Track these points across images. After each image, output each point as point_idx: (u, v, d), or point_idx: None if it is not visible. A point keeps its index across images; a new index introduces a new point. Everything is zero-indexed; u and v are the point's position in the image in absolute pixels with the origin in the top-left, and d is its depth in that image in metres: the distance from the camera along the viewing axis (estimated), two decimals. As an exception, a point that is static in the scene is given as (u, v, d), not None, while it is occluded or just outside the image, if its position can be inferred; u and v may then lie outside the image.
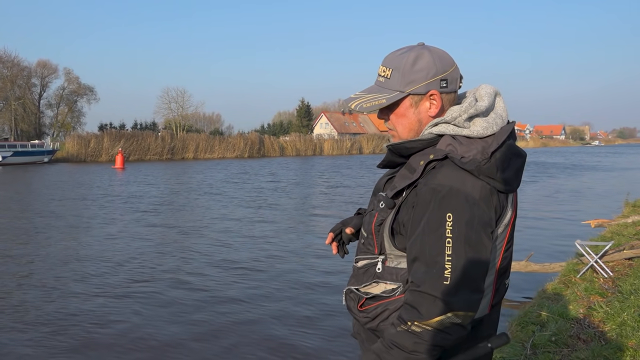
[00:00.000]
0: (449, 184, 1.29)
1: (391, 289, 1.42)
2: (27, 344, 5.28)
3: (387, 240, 1.42)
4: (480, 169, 1.30)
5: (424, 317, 1.27)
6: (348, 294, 1.54)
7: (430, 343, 1.28)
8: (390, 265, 1.43)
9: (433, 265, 1.28)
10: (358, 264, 1.53)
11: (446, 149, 1.36)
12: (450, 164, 1.32)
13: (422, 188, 1.33)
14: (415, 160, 1.42)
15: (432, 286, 1.27)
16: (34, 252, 9.36)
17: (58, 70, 58.84)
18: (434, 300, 1.27)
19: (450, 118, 1.40)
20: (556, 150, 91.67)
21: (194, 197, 18.53)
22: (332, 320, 5.86)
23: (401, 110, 1.45)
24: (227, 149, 57.73)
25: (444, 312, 1.26)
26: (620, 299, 4.88)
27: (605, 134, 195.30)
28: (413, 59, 1.41)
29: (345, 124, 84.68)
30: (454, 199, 1.28)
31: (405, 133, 1.47)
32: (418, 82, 1.41)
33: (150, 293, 6.92)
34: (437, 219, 1.29)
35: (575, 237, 7.71)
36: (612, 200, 16.00)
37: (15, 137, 51.84)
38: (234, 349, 5.15)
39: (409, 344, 1.28)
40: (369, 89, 1.50)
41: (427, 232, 1.30)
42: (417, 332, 1.28)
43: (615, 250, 6.78)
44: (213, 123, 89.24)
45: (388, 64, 1.45)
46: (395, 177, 1.49)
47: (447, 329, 1.27)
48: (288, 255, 9.19)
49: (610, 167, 36.72)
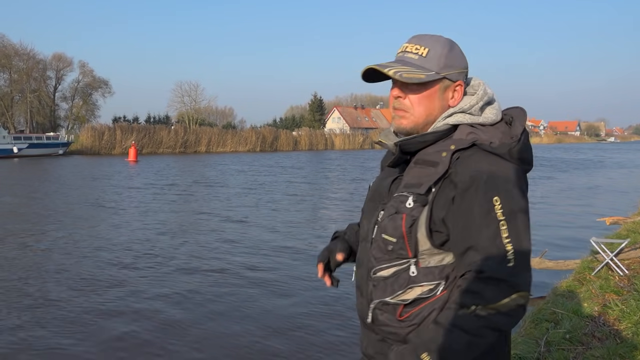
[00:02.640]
0: (486, 168, 1.29)
1: (429, 289, 1.36)
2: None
3: (424, 239, 1.35)
4: (512, 152, 1.33)
5: (490, 301, 1.25)
6: (378, 308, 1.42)
7: (495, 326, 1.26)
8: (425, 265, 1.37)
9: (493, 248, 1.27)
10: (380, 274, 1.42)
11: (467, 137, 1.36)
12: (479, 151, 1.33)
13: (458, 178, 1.31)
14: (430, 153, 1.39)
15: (497, 270, 1.26)
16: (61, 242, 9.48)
17: (73, 63, 59.29)
18: (499, 283, 1.25)
19: (468, 107, 1.41)
20: (571, 146, 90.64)
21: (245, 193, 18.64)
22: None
23: (430, 92, 1.41)
24: (239, 142, 57.91)
25: (509, 293, 1.25)
26: (637, 297, 4.81)
27: (622, 131, 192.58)
28: (450, 46, 1.42)
29: (358, 119, 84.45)
30: (497, 182, 1.28)
31: (423, 117, 1.42)
32: (454, 69, 1.41)
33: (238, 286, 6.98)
34: (484, 205, 1.27)
35: (590, 234, 7.60)
36: (628, 198, 15.80)
37: (31, 130, 52.43)
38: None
39: (473, 327, 1.25)
40: (401, 61, 1.42)
41: (477, 219, 1.28)
42: (483, 316, 1.25)
43: (631, 248, 6.68)
44: (226, 117, 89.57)
45: (423, 43, 1.42)
46: (407, 176, 1.42)
47: (511, 311, 1.26)
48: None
49: (625, 164, 36.23)
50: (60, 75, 58.76)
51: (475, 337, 1.25)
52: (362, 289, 1.50)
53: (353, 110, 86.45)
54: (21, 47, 54.56)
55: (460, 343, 1.25)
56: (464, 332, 1.25)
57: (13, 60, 53.15)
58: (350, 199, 16.47)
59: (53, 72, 58.08)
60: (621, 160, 42.34)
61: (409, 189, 1.38)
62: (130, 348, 5.05)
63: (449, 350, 1.25)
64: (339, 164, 34.71)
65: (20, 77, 53.28)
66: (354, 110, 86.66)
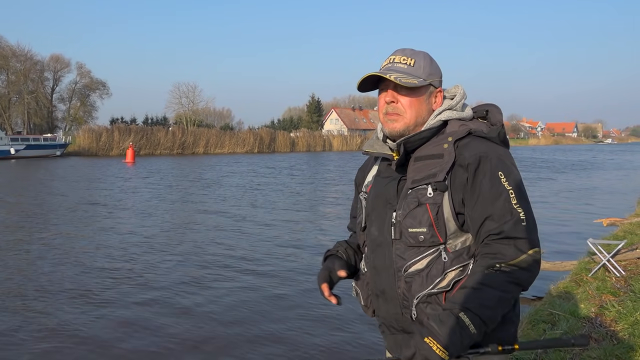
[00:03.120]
0: (486, 150, 1.51)
1: (460, 271, 1.48)
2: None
3: (452, 221, 1.49)
4: (500, 136, 1.57)
5: (511, 258, 1.41)
6: (423, 301, 1.49)
7: (518, 281, 1.41)
8: (453, 249, 1.50)
9: (507, 214, 1.44)
10: (414, 268, 1.50)
11: (460, 128, 1.57)
12: (475, 138, 1.54)
13: (466, 161, 1.49)
14: (430, 148, 1.56)
15: (514, 229, 1.42)
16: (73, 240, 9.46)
17: (71, 64, 59.39)
18: (516, 242, 1.42)
19: (455, 104, 1.62)
20: (568, 148, 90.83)
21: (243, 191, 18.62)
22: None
23: (419, 97, 1.60)
24: (237, 144, 57.92)
25: (527, 249, 1.42)
26: (633, 298, 4.82)
27: (619, 132, 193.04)
28: (429, 58, 1.64)
29: (355, 120, 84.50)
30: (497, 160, 1.49)
31: (414, 118, 1.59)
32: (436, 77, 1.63)
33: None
34: (493, 179, 1.47)
35: (587, 236, 7.62)
36: (625, 199, 15.83)
37: (28, 131, 52.35)
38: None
39: (500, 283, 1.39)
40: (393, 69, 1.60)
41: (489, 192, 1.46)
42: (507, 271, 1.40)
43: (628, 249, 6.69)
44: (223, 118, 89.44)
45: (408, 55, 1.62)
46: (412, 173, 1.55)
47: (530, 266, 1.42)
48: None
49: (623, 166, 36.31)
50: (58, 77, 58.82)
51: (504, 293, 1.39)
52: (387, 294, 1.57)
53: (351, 112, 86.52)
54: (18, 49, 54.63)
55: (491, 299, 1.38)
56: (493, 289, 1.38)
57: (10, 62, 53.14)
58: (347, 202, 16.48)
59: (51, 73, 58.14)
60: (618, 161, 42.44)
61: (424, 181, 1.51)
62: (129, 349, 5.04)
63: (483, 306, 1.37)
64: (337, 165, 34.69)
65: (18, 78, 53.22)
66: (352, 112, 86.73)
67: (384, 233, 1.57)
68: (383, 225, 1.58)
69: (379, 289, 1.59)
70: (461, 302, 1.38)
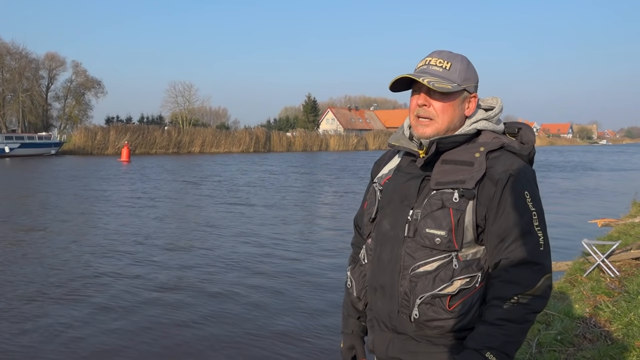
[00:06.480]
0: (516, 167, 1.49)
1: (467, 281, 1.48)
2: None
3: (471, 231, 1.48)
4: (530, 155, 1.56)
5: (527, 287, 1.43)
6: (426, 302, 1.49)
7: (535, 310, 1.43)
8: (464, 259, 1.49)
9: (527, 234, 1.45)
10: (423, 269, 1.50)
11: (493, 141, 1.56)
12: (506, 152, 1.53)
13: (496, 176, 1.48)
14: (460, 154, 1.53)
15: (532, 254, 1.44)
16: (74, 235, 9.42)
17: (66, 63, 58.97)
18: (533, 267, 1.43)
19: (493, 115, 1.61)
20: (563, 148, 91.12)
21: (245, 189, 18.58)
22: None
23: (453, 102, 1.56)
24: (233, 143, 57.77)
25: (541, 275, 1.44)
26: (627, 298, 4.84)
27: (613, 133, 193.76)
28: (467, 62, 1.59)
29: (352, 120, 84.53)
30: (525, 179, 1.49)
31: (446, 123, 1.57)
32: (471, 82, 1.59)
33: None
34: (518, 198, 1.46)
35: (582, 236, 7.65)
36: (620, 200, 15.89)
37: (23, 129, 52.05)
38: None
39: (520, 316, 1.41)
40: (427, 72, 1.56)
41: (513, 210, 1.46)
42: (524, 303, 1.42)
43: (623, 249, 6.72)
44: (219, 117, 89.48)
45: (445, 58, 1.58)
46: (438, 174, 1.52)
47: (544, 292, 1.45)
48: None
49: (617, 167, 36.45)
50: (53, 75, 58.47)
51: (524, 324, 1.42)
52: (387, 290, 1.55)
53: (347, 112, 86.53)
54: (13, 46, 54.23)
55: (514, 334, 1.41)
56: (514, 324, 1.41)
57: (5, 60, 52.76)
58: (343, 202, 16.47)
59: (46, 71, 57.79)
60: (613, 162, 42.60)
61: (451, 185, 1.49)
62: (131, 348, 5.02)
63: (507, 342, 1.40)
64: (335, 165, 34.70)
65: (13, 76, 52.88)
66: (348, 112, 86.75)
67: (396, 229, 1.55)
68: (397, 220, 1.56)
69: (379, 283, 1.58)
70: (485, 341, 1.41)
